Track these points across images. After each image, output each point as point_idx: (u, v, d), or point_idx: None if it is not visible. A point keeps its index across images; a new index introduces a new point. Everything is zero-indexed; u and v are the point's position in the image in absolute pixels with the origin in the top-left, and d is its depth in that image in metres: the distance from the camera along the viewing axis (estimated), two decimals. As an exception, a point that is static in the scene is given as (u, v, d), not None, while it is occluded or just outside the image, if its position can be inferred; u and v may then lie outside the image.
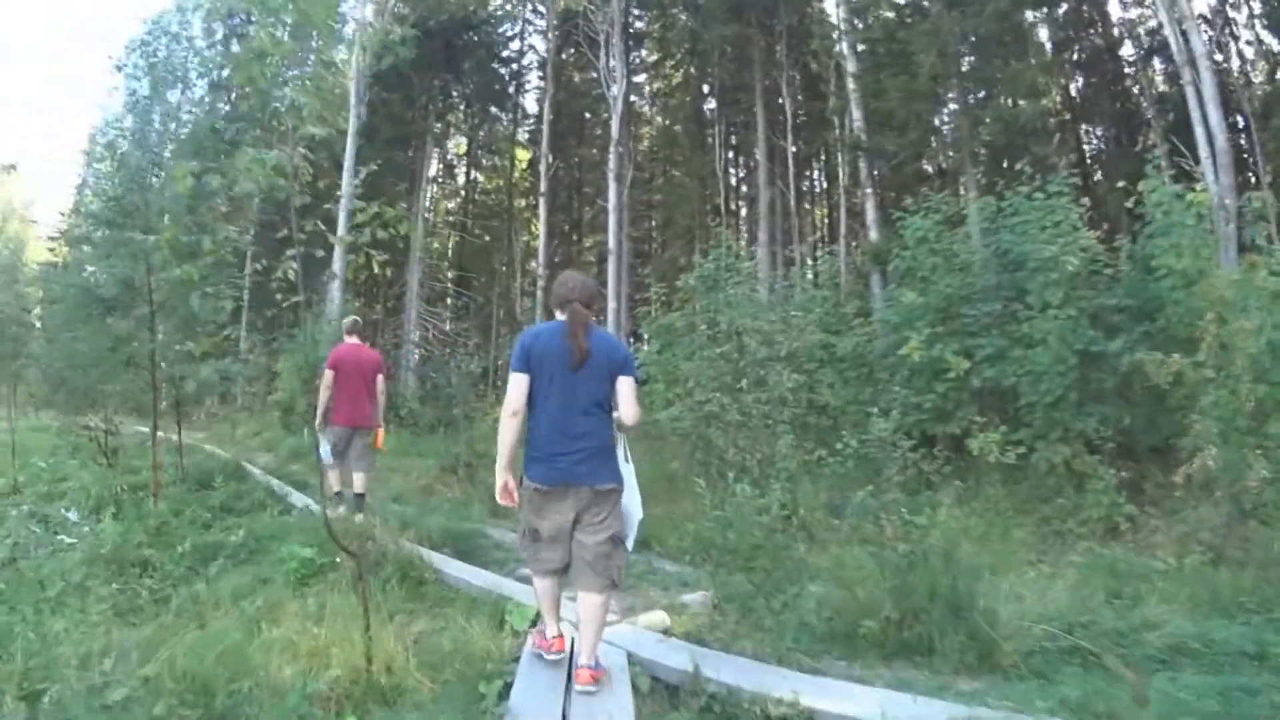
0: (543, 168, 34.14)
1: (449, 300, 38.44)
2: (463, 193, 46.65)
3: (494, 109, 43.22)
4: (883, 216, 25.57)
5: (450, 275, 41.00)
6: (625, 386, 5.54)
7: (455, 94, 39.99)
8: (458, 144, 45.57)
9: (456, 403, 19.03)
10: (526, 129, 43.26)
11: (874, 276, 24.36)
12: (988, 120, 25.39)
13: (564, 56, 38.72)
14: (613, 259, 29.24)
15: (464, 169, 46.33)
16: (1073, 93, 30.39)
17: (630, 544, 5.87)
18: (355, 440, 11.53)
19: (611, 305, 28.26)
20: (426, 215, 40.41)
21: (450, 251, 45.02)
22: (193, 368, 13.12)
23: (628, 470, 5.80)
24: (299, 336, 24.71)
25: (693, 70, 39.17)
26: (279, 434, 23.89)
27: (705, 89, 39.16)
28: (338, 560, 8.15)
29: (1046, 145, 24.99)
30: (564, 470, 5.42)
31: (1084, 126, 31.38)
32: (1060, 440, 12.38)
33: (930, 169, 30.06)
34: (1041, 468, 12.38)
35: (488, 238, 44.68)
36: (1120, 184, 16.89)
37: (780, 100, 31.99)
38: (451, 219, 46.28)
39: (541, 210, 34.36)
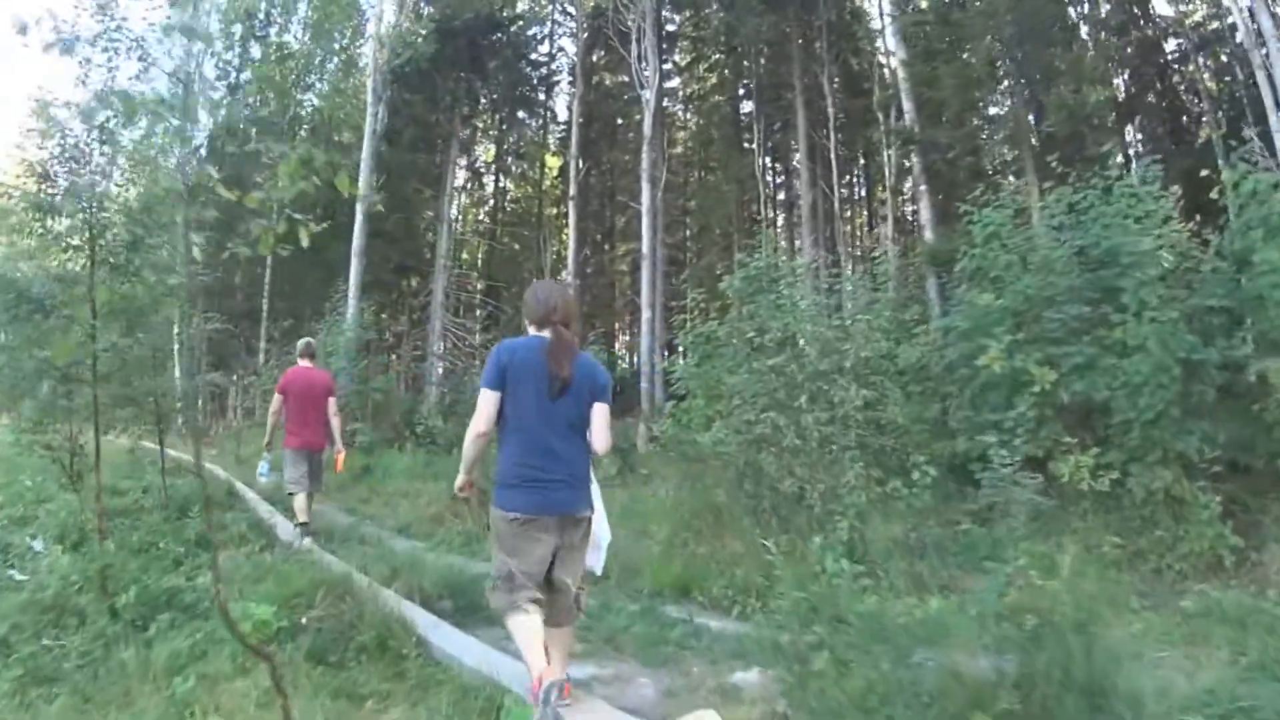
0: (572, 171, 32.82)
1: (478, 311, 36.95)
2: (491, 201, 46.04)
3: (522, 114, 42.16)
4: (937, 216, 24.51)
5: (479, 286, 39.40)
6: (600, 413, 5.43)
7: (482, 97, 38.81)
8: (486, 150, 44.64)
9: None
10: (556, 135, 42.42)
11: (930, 281, 23.04)
12: (1047, 110, 23.85)
13: (594, 59, 37.91)
14: (646, 265, 27.78)
15: (492, 176, 45.60)
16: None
17: (600, 568, 6.11)
18: (313, 463, 11.76)
19: (645, 314, 27.19)
20: (455, 224, 39.35)
21: (479, 261, 44.10)
22: (153, 381, 12.40)
23: (595, 490, 5.76)
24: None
25: (728, 71, 38.30)
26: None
27: (741, 90, 38.17)
28: (304, 621, 7.04)
29: (1109, 137, 23.75)
30: (546, 498, 5.28)
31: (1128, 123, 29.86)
32: (1159, 463, 10.64)
33: (986, 165, 28.16)
34: (1138, 495, 10.61)
35: (517, 246, 43.92)
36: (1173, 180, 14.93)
37: (821, 100, 30.68)
38: (480, 227, 45.40)
39: (571, 216, 33.11)
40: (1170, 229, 11.73)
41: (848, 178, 37.55)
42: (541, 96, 41.65)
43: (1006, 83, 25.22)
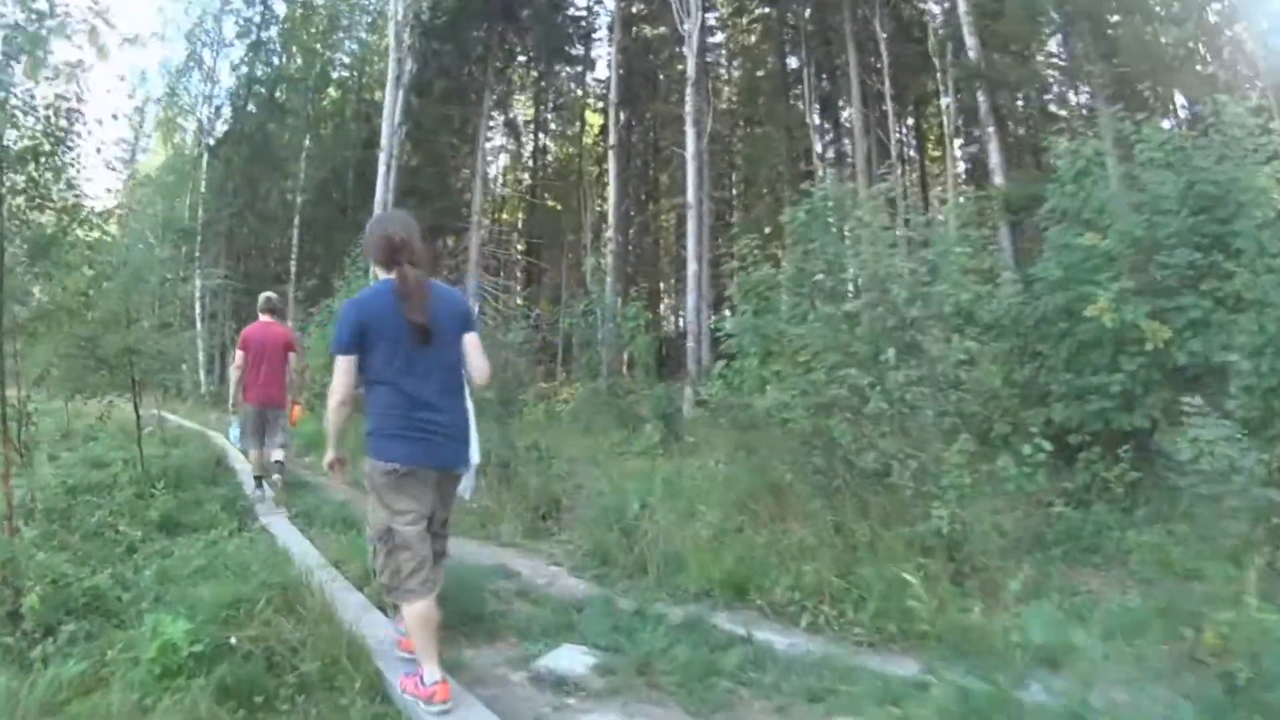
0: (612, 120, 31.89)
1: (517, 272, 35.56)
2: (531, 160, 45.08)
3: (561, 70, 41.50)
4: (1007, 159, 23.11)
5: (519, 246, 38.15)
6: (472, 343, 5.16)
7: (516, 48, 37.76)
8: (524, 106, 43.77)
9: (515, 382, 15.44)
10: (597, 91, 41.59)
11: (1003, 229, 21.32)
12: (1118, 48, 21.98)
13: (633, 9, 36.55)
14: (692, 216, 26.24)
15: (531, 136, 44.67)
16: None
17: (469, 493, 5.71)
18: (269, 419, 11.62)
19: (691, 268, 25.74)
20: (493, 182, 39.74)
21: (520, 222, 43.89)
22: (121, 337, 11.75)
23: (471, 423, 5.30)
24: (333, 305, 22.91)
25: (772, 13, 36.74)
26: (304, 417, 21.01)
27: (786, 44, 36.83)
28: (232, 641, 5.34)
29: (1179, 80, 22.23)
30: (428, 450, 4.91)
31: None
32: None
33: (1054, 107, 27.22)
34: (1259, 475, 8.60)
35: (559, 207, 42.80)
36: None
37: (873, 46, 29.54)
38: (520, 186, 44.86)
39: (612, 167, 31.70)
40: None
41: (899, 131, 35.51)
42: (579, 50, 40.46)
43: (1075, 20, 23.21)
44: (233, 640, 5.34)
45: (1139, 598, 6.69)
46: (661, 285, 45.62)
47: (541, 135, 44.57)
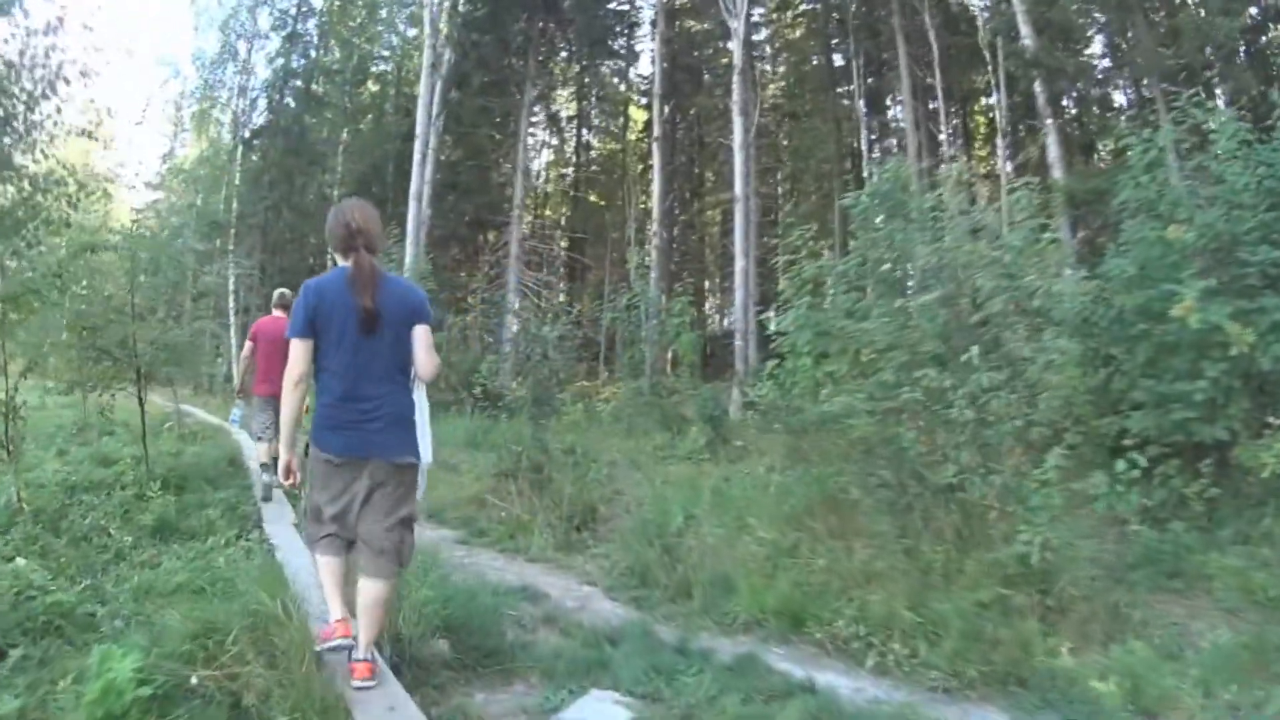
0: (656, 111, 30.97)
1: (560, 269, 34.95)
2: (574, 156, 44.48)
3: (604, 66, 40.73)
4: (1066, 152, 22.41)
5: (563, 244, 38.03)
6: (421, 336, 4.96)
7: (558, 40, 37.07)
8: (566, 102, 43.10)
9: (552, 379, 14.47)
10: (640, 87, 40.65)
11: (1063, 225, 20.12)
12: (1178, 37, 21.20)
13: (678, 3, 35.69)
14: (740, 209, 25.17)
15: (574, 132, 44.18)
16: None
17: (420, 492, 5.44)
18: (278, 411, 9.77)
19: (739, 264, 24.70)
20: (536, 178, 39.35)
21: (563, 219, 43.26)
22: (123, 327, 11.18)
23: (420, 406, 5.35)
24: None
25: (818, 6, 35.67)
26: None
27: (833, 30, 35.43)
28: (193, 681, 4.65)
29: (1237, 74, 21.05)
30: (359, 440, 4.86)
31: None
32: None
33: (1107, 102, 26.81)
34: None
35: (603, 202, 42.43)
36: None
37: (922, 39, 28.28)
38: (563, 183, 44.51)
39: (656, 159, 30.66)
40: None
41: (948, 127, 34.72)
42: (622, 44, 39.80)
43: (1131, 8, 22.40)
44: (193, 679, 4.67)
45: (1227, 631, 6.08)
46: (706, 284, 44.58)
47: (585, 131, 43.98)
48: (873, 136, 35.92)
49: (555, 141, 44.21)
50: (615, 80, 41.64)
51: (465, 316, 30.19)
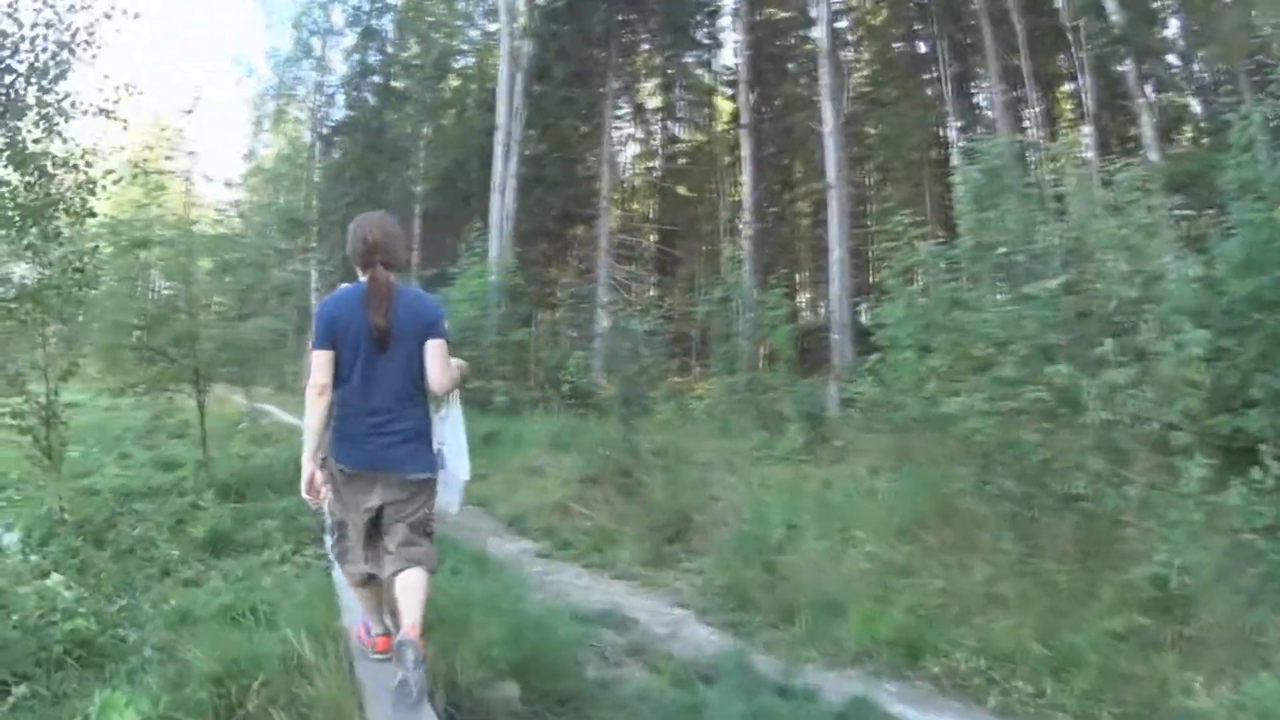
0: (743, 98, 30.27)
1: (650, 263, 34.81)
2: (660, 150, 43.62)
3: (685, 51, 39.29)
4: (1160, 133, 21.52)
5: (652, 239, 38.50)
6: (434, 350, 4.84)
7: (639, 30, 36.19)
8: (651, 94, 42.12)
9: (642, 376, 14.07)
10: (724, 78, 39.67)
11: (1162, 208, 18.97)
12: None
13: None
14: (833, 198, 24.12)
15: (660, 125, 43.21)
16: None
17: (456, 508, 5.38)
18: None
19: (834, 254, 23.65)
20: (623, 171, 38.96)
21: (651, 211, 42.54)
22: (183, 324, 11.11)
23: (455, 417, 5.28)
24: (449, 294, 21.45)
25: None
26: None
27: (915, 14, 34.82)
28: None
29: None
30: (372, 453, 4.82)
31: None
32: None
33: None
34: None
35: (692, 194, 41.58)
36: None
37: (1004, 15, 27.28)
38: (651, 176, 43.55)
39: (745, 147, 29.83)
40: None
41: (1034, 110, 33.85)
42: (704, 32, 38.60)
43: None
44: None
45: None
46: (796, 277, 43.71)
47: (671, 124, 43.18)
48: (959, 123, 35.20)
49: (641, 134, 43.33)
50: (699, 71, 40.79)
51: (554, 312, 29.99)
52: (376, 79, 38.08)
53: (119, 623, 6.27)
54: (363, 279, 4.92)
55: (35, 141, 8.39)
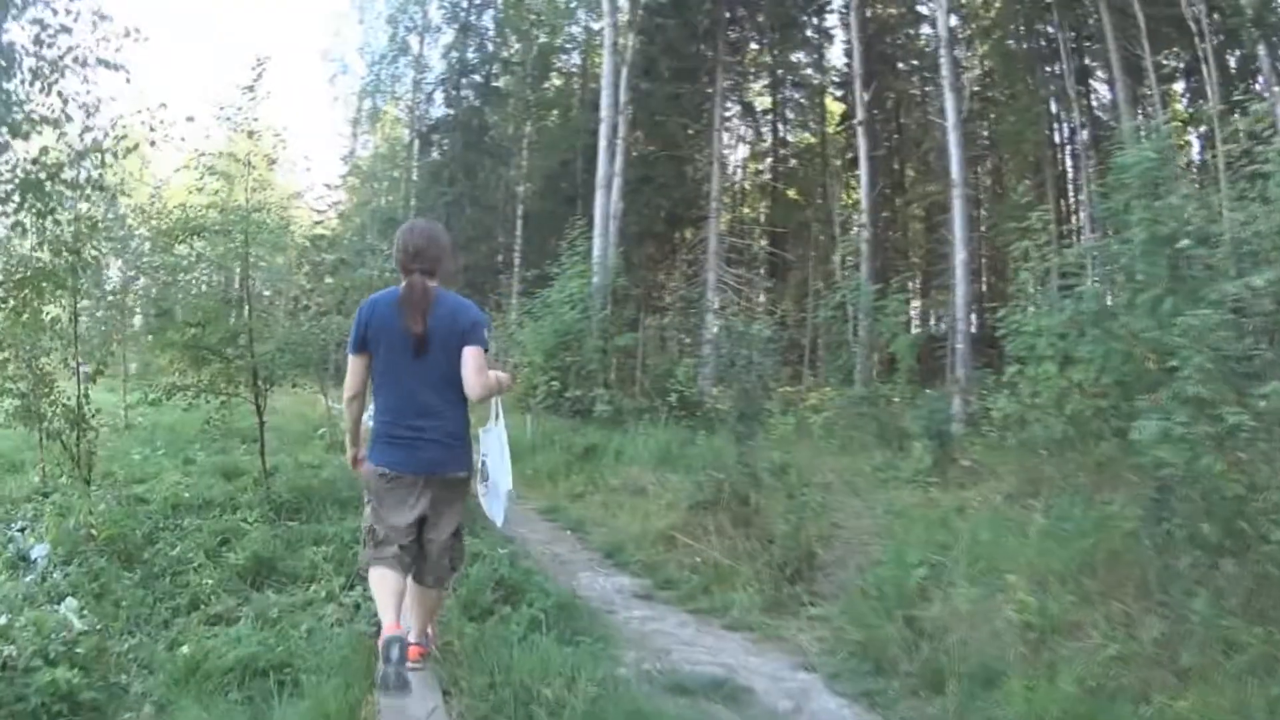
0: (856, 93, 28.61)
1: (760, 268, 34.81)
2: (771, 151, 42.45)
3: (794, 49, 38.80)
4: None
5: (762, 241, 37.80)
6: (469, 357, 4.97)
7: (746, 25, 35.28)
8: (759, 90, 40.91)
9: (756, 387, 12.64)
10: (834, 76, 38.68)
11: None
12: None
13: None
14: (957, 196, 22.74)
15: (770, 125, 42.12)
16: None
17: (500, 519, 5.64)
18: None
19: (959, 256, 22.24)
20: (732, 172, 38.44)
21: (761, 214, 41.94)
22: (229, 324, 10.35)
23: (498, 432, 5.57)
24: (549, 295, 21.00)
25: None
26: (514, 421, 18.86)
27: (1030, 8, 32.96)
28: None
29: None
30: (409, 457, 5.04)
31: None
32: None
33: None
34: None
35: (800, 199, 40.55)
36: None
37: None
38: (760, 179, 42.87)
39: (861, 144, 28.23)
40: None
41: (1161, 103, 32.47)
42: (812, 27, 37.58)
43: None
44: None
45: None
46: (910, 284, 42.60)
47: (780, 127, 42.11)
48: (1078, 120, 33.97)
49: (750, 135, 42.62)
50: (809, 70, 39.70)
51: (661, 317, 28.98)
52: (476, 77, 37.74)
53: (125, 666, 5.61)
54: (401, 285, 5.08)
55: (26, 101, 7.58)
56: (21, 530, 8.50)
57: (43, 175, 7.77)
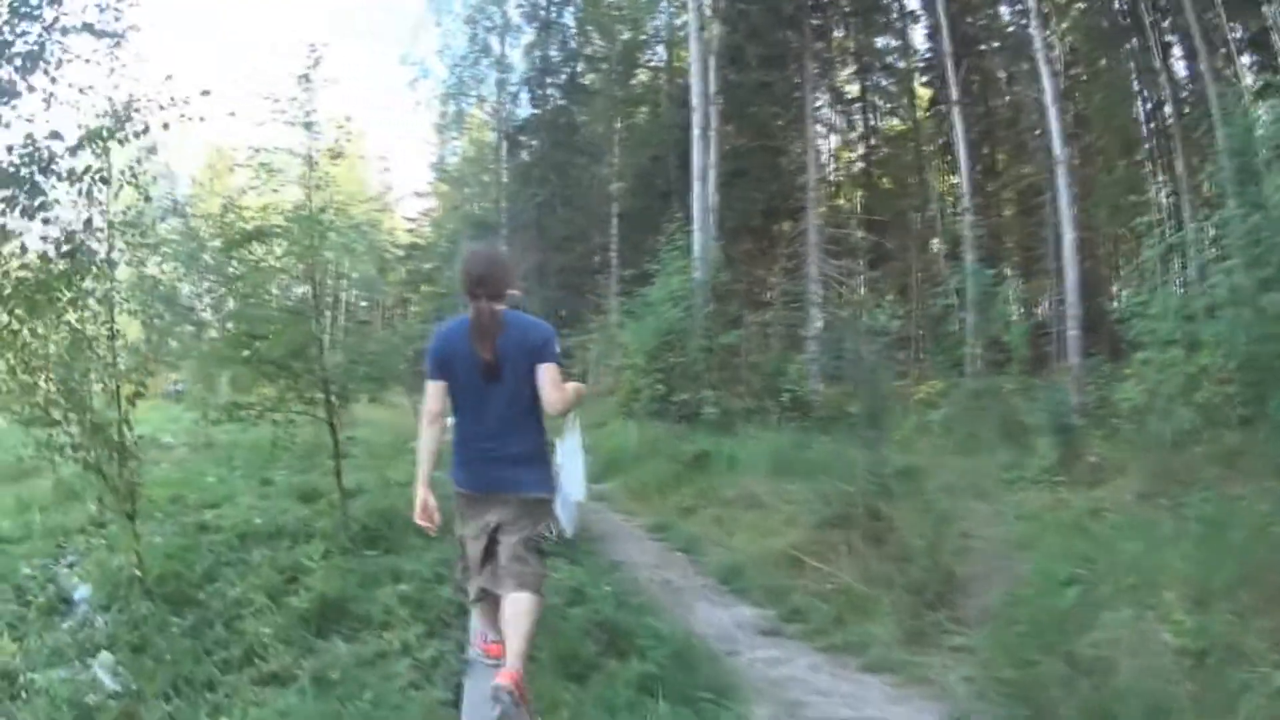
0: (950, 72, 28.02)
1: (859, 259, 34.32)
2: (863, 138, 42.07)
3: (880, 39, 38.41)
4: None
5: (859, 233, 36.20)
6: (544, 374, 5.04)
7: (831, 11, 34.61)
8: (847, 78, 40.38)
9: (871, 385, 12.37)
10: (919, 61, 37.99)
11: None
12: None
13: None
14: (1061, 173, 21.82)
15: (860, 111, 41.64)
16: None
17: (569, 530, 5.58)
18: None
19: (1068, 237, 21.23)
20: (826, 161, 37.83)
21: (857, 204, 40.91)
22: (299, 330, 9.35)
23: (573, 443, 5.63)
24: (650, 294, 20.18)
25: None
26: (619, 427, 18.50)
27: None
28: None
29: None
30: (487, 475, 5.20)
31: None
32: None
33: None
34: None
35: (894, 188, 40.34)
36: None
37: None
38: (853, 169, 42.26)
39: (958, 125, 27.72)
40: None
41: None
42: (896, 15, 37.07)
43: None
44: None
45: None
46: (1007, 271, 41.95)
47: (870, 115, 41.86)
48: (1167, 94, 33.11)
49: (841, 123, 41.91)
50: (892, 57, 39.27)
51: (762, 313, 28.65)
52: (561, 75, 37.56)
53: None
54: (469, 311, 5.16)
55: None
56: (71, 565, 8.10)
57: (32, 166, 7.01)
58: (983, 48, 35.23)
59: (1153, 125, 30.18)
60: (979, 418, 15.85)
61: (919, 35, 37.18)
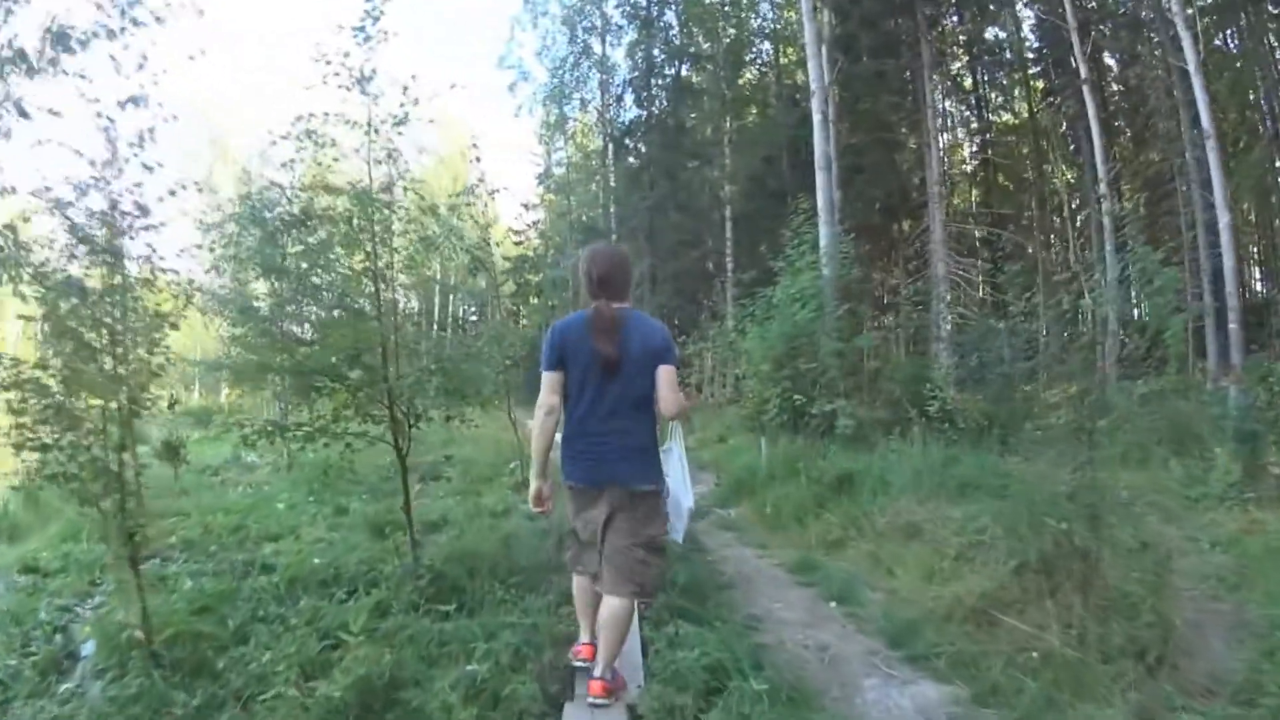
0: (1076, 48, 26.69)
1: (979, 260, 32.26)
2: (980, 130, 40.68)
3: (989, 28, 36.79)
4: None
5: (977, 231, 35.57)
6: (663, 375, 5.19)
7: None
8: (960, 69, 39.34)
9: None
10: (1028, 51, 37.02)
11: None
12: None
13: None
14: (1212, 149, 20.37)
15: (975, 102, 40.53)
16: None
17: (680, 535, 5.99)
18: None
19: (1223, 219, 19.97)
20: (944, 155, 35.50)
21: (975, 201, 39.89)
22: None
23: (677, 452, 5.97)
24: (774, 295, 18.22)
25: None
26: (744, 443, 17.70)
27: None
28: None
29: None
30: (594, 469, 5.30)
31: None
32: None
33: None
34: None
35: (1010, 184, 39.46)
36: None
37: None
38: (970, 165, 41.28)
39: (1089, 104, 26.29)
40: None
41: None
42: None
43: None
44: None
45: None
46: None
47: (984, 110, 40.57)
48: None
49: (960, 116, 41.29)
50: (1005, 46, 37.80)
51: (888, 315, 27.80)
52: (666, 75, 37.33)
53: None
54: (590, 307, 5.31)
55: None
56: (95, 609, 7.02)
57: None
58: (1101, 27, 33.69)
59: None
60: (1146, 425, 14.18)
61: (1026, 26, 36.41)
